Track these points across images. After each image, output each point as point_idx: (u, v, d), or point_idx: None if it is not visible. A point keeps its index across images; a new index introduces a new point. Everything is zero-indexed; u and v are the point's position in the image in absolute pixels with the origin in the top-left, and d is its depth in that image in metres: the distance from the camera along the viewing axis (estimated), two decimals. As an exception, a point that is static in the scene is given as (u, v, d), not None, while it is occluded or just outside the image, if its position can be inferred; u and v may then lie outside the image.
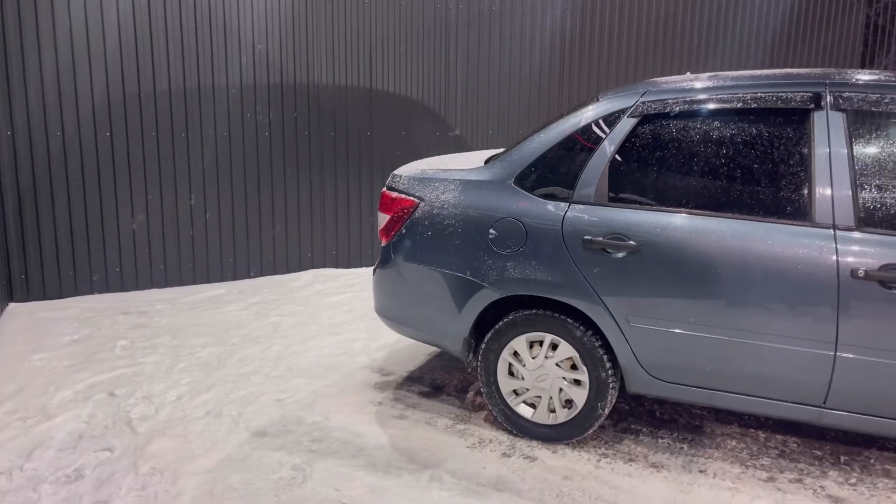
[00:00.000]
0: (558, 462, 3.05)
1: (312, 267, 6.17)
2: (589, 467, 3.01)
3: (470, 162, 3.50)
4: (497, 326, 3.20)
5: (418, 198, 3.31)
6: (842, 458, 3.07)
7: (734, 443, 3.21)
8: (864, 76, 2.81)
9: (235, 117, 5.63)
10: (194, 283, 5.71)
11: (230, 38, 5.50)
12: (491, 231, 3.12)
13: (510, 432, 3.28)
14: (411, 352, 4.31)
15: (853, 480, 2.90)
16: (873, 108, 2.67)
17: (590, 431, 3.14)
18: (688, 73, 3.51)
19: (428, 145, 6.31)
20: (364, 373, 4.00)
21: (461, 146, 6.39)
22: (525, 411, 3.22)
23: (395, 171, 3.54)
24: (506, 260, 3.09)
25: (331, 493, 2.80)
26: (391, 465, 3.02)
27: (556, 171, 3.11)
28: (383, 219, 3.43)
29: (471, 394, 3.72)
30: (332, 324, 4.81)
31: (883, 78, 2.78)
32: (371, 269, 5.74)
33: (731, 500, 2.77)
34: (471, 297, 3.18)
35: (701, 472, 2.98)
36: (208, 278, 5.76)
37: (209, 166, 5.59)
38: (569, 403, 3.16)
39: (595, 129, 3.07)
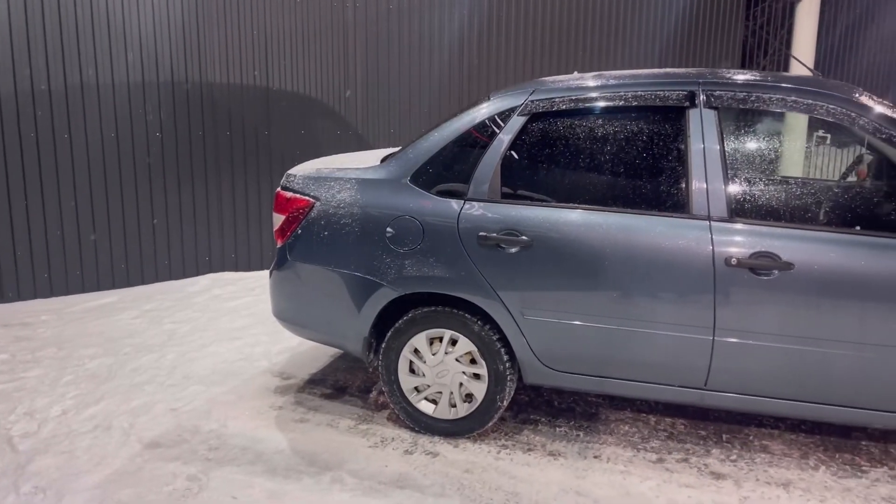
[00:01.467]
0: (460, 456, 3.09)
1: (210, 271, 5.98)
2: (489, 459, 3.07)
3: (366, 161, 3.49)
4: (397, 325, 3.20)
5: (314, 197, 3.27)
6: (724, 437, 3.25)
7: (627, 428, 3.35)
8: (734, 76, 2.99)
9: (123, 117, 5.39)
10: (83, 291, 5.42)
11: (115, 33, 5.26)
12: (388, 229, 3.12)
13: (413, 429, 3.30)
14: (314, 354, 4.26)
15: (734, 457, 3.08)
16: (741, 106, 2.85)
17: (490, 424, 3.19)
18: (575, 73, 3.62)
19: (329, 144, 6.24)
20: (264, 377, 3.92)
21: (362, 145, 6.36)
22: (427, 408, 3.24)
23: (290, 171, 3.48)
24: (403, 258, 3.11)
25: (228, 500, 2.73)
26: (291, 468, 2.98)
27: (450, 169, 3.14)
28: (278, 219, 3.37)
29: (374, 393, 3.72)
30: (231, 329, 4.69)
31: (751, 77, 2.96)
32: (272, 271, 5.61)
33: (622, 482, 2.89)
34: (370, 296, 3.17)
35: (595, 457, 3.09)
36: (98, 286, 5.48)
37: (96, 168, 5.33)
38: (469, 397, 3.21)
39: (487, 127, 3.12)
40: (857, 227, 2.74)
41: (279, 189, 3.42)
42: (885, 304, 2.60)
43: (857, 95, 2.86)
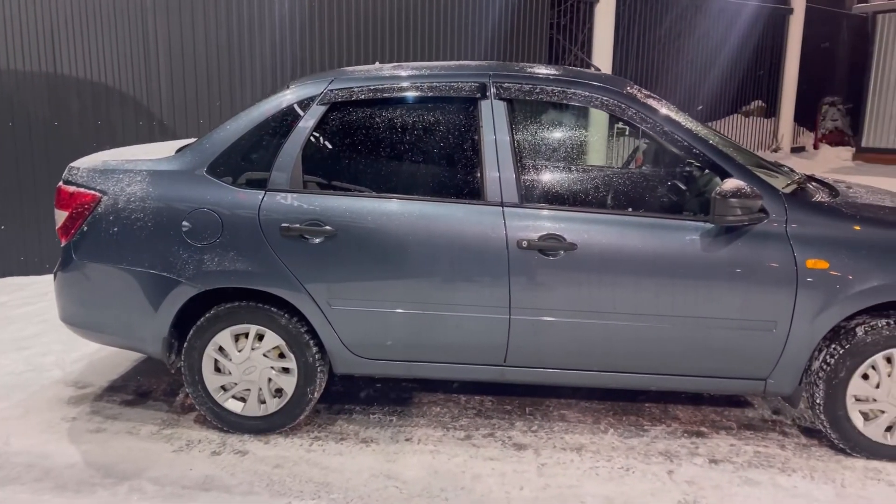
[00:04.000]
0: (270, 452, 3.04)
1: (-4, 276, 5.41)
2: (301, 452, 3.04)
3: (159, 152, 3.31)
4: (199, 323, 3.08)
5: (100, 191, 3.05)
6: (527, 410, 3.45)
7: (438, 409, 3.46)
8: (523, 69, 3.16)
9: None
10: None
11: None
12: (184, 223, 2.98)
13: (221, 430, 3.19)
14: (115, 360, 3.98)
15: (535, 428, 3.28)
16: (527, 98, 3.03)
17: (302, 417, 3.17)
18: (377, 63, 3.66)
19: (130, 136, 5.83)
20: (56, 388, 3.61)
21: (167, 136, 6.01)
22: (235, 406, 3.15)
23: (73, 164, 3.23)
24: (202, 252, 2.98)
25: (6, 525, 2.50)
26: (84, 482, 2.77)
27: (249, 159, 3.07)
28: (61, 216, 3.11)
29: (180, 396, 3.55)
30: (19, 338, 4.27)
31: (537, 71, 3.15)
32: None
33: (431, 461, 2.98)
34: (167, 294, 3.01)
35: (407, 440, 3.16)
36: None
37: None
38: (279, 392, 3.16)
39: (287, 116, 3.07)
40: (631, 209, 3.02)
41: (61, 183, 3.16)
42: (655, 279, 2.88)
43: (628, 89, 3.13)
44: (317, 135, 3.08)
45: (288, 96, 3.13)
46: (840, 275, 2.78)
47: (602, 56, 9.58)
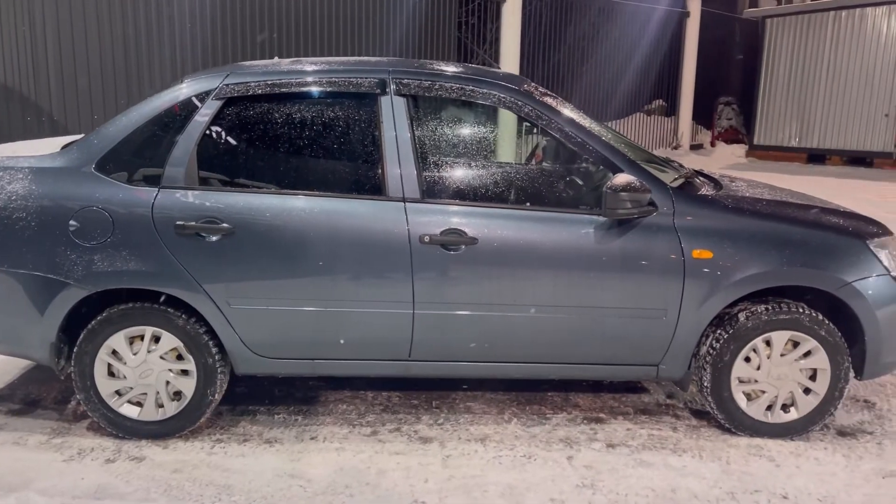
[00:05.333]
0: (168, 457, 2.95)
1: None
2: (202, 455, 2.97)
3: (44, 148, 3.15)
4: (90, 326, 2.95)
5: (-22, 190, 2.88)
6: (434, 404, 3.49)
7: (345, 406, 3.44)
8: (423, 66, 3.19)
9: None
10: None
11: None
12: (71, 223, 2.86)
13: (116, 436, 3.07)
14: (2, 368, 3.76)
15: (441, 420, 3.32)
16: (427, 94, 3.06)
17: (202, 420, 3.09)
18: (276, 58, 3.61)
19: (16, 132, 5.52)
20: (-66, 400, 3.38)
21: (58, 132, 5.72)
22: (130, 411, 3.04)
23: (-54, 161, 3.03)
24: (92, 253, 2.86)
25: None
26: (-37, 498, 2.62)
27: (141, 155, 2.96)
28: (-68, 217, 2.92)
29: (73, 403, 3.39)
30: None
31: (436, 67, 3.19)
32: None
33: (337, 459, 2.97)
34: (54, 297, 2.88)
35: (312, 439, 3.13)
36: None
37: None
38: (178, 395, 3.07)
39: (181, 111, 2.99)
40: (529, 204, 3.10)
41: (-68, 181, 2.96)
42: (553, 271, 2.97)
43: (525, 87, 3.21)
44: (213, 130, 3.01)
45: (183, 90, 3.05)
46: (723, 264, 2.94)
47: (510, 55, 9.76)
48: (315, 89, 3.03)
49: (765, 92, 13.85)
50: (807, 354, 3.05)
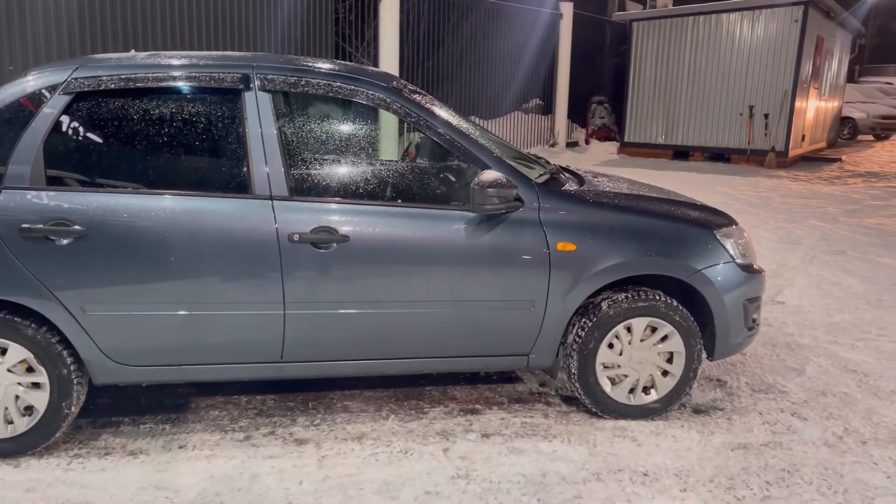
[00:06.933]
0: (20, 476, 2.75)
1: None
2: (57, 472, 2.79)
3: None
4: (-78, 340, 2.70)
5: None
6: (310, 404, 3.44)
7: (217, 412, 3.33)
8: (290, 61, 3.13)
9: None
10: None
11: None
12: None
13: (-41, 458, 2.83)
14: None
15: (317, 421, 3.28)
16: (293, 90, 3.00)
17: (58, 435, 2.90)
18: (132, 51, 3.44)
19: None
20: None
21: None
22: (-25, 430, 2.81)
23: None
24: (-77, 260, 2.62)
25: None
26: None
27: (-20, 154, 2.74)
28: None
29: None
30: None
31: (303, 63, 3.13)
32: None
33: (207, 466, 2.87)
34: None
35: (181, 447, 3.01)
36: None
37: None
38: (29, 410, 2.86)
39: (24, 106, 2.79)
40: (401, 201, 3.11)
41: None
42: (425, 266, 3.00)
43: (394, 84, 3.22)
44: (63, 127, 2.82)
45: (29, 83, 2.84)
46: (585, 255, 3.08)
47: (388, 54, 9.75)
48: (175, 84, 2.91)
49: (633, 92, 14.59)
50: (664, 339, 3.24)
